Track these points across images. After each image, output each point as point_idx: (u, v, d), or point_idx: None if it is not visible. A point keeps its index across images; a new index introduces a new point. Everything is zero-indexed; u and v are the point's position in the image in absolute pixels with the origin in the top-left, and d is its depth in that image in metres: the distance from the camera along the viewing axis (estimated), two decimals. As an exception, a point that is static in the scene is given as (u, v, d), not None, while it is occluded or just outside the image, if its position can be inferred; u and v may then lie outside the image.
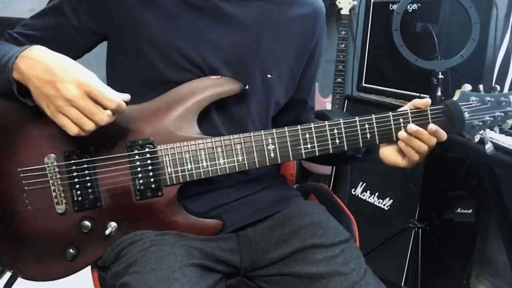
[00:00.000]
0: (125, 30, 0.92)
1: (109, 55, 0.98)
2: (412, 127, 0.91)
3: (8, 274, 1.19)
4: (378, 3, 1.91)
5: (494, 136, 1.12)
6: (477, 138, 0.96)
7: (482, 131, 0.95)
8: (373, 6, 1.93)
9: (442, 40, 1.54)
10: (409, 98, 1.72)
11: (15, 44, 0.90)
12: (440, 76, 1.42)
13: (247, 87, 0.94)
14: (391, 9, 1.82)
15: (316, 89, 1.21)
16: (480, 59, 1.66)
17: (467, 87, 0.95)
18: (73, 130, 0.78)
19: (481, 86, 0.95)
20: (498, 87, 0.96)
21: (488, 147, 0.96)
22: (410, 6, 1.69)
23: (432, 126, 0.91)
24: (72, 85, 0.76)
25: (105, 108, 0.78)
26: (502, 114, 0.94)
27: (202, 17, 0.93)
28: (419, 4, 1.68)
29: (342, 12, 2.14)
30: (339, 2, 2.14)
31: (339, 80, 2.18)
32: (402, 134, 0.92)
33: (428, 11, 1.65)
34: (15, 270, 0.92)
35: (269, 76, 0.99)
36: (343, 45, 2.13)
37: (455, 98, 0.95)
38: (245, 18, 0.96)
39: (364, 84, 2.01)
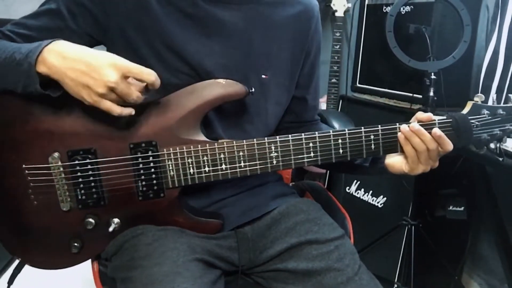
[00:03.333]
0: (123, 36, 0.92)
1: None
2: (415, 125, 0.88)
3: (13, 265, 1.21)
4: (372, 6, 1.92)
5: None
6: (484, 151, 0.94)
7: (489, 144, 0.92)
8: (367, 8, 1.95)
9: (434, 42, 1.56)
10: (402, 98, 1.79)
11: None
12: (433, 76, 1.42)
13: (252, 90, 0.92)
14: (384, 11, 1.84)
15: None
16: (469, 60, 1.67)
17: (480, 97, 0.92)
18: (118, 110, 0.80)
19: (494, 96, 0.93)
20: None
21: (502, 159, 0.93)
22: (403, 9, 1.71)
23: (436, 130, 0.88)
24: (110, 69, 0.77)
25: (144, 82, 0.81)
26: None
27: (196, 25, 0.94)
28: (412, 7, 1.70)
29: (336, 14, 2.14)
30: (333, 5, 2.15)
31: (334, 80, 2.18)
32: (404, 127, 0.89)
33: (420, 13, 1.67)
34: (22, 258, 0.95)
35: (263, 76, 0.99)
36: (338, 47, 2.14)
37: (466, 110, 0.92)
38: (237, 21, 0.96)
39: (358, 85, 2.02)
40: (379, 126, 0.91)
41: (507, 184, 1.64)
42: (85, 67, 0.78)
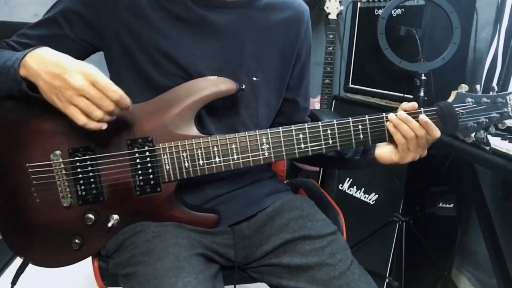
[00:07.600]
0: (118, 40, 0.94)
1: (107, 65, 1.01)
2: (402, 113, 0.91)
3: (17, 262, 1.23)
4: (364, 8, 1.94)
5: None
6: (471, 139, 0.95)
7: (476, 132, 0.94)
8: (360, 11, 1.96)
9: (425, 43, 1.57)
10: (394, 99, 1.82)
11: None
12: (423, 77, 1.43)
13: (243, 86, 0.95)
14: (376, 14, 1.86)
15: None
16: (462, 62, 1.69)
17: (464, 87, 0.93)
18: (82, 120, 0.80)
19: (478, 86, 0.93)
20: (496, 87, 0.94)
21: (488, 147, 0.95)
22: (395, 11, 1.73)
23: (423, 117, 0.90)
24: (79, 75, 0.79)
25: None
26: (498, 115, 0.93)
27: (189, 28, 0.96)
28: (403, 9, 1.72)
29: (330, 16, 2.18)
30: (327, 7, 2.18)
31: (327, 81, 2.21)
32: (391, 116, 0.92)
33: (411, 16, 1.69)
34: (25, 257, 0.97)
35: (255, 78, 1.02)
36: (331, 48, 2.17)
37: (450, 99, 0.93)
38: (228, 25, 0.98)
39: (350, 85, 2.04)
40: (366, 116, 0.93)
41: (494, 182, 1.67)
42: (59, 70, 0.79)
